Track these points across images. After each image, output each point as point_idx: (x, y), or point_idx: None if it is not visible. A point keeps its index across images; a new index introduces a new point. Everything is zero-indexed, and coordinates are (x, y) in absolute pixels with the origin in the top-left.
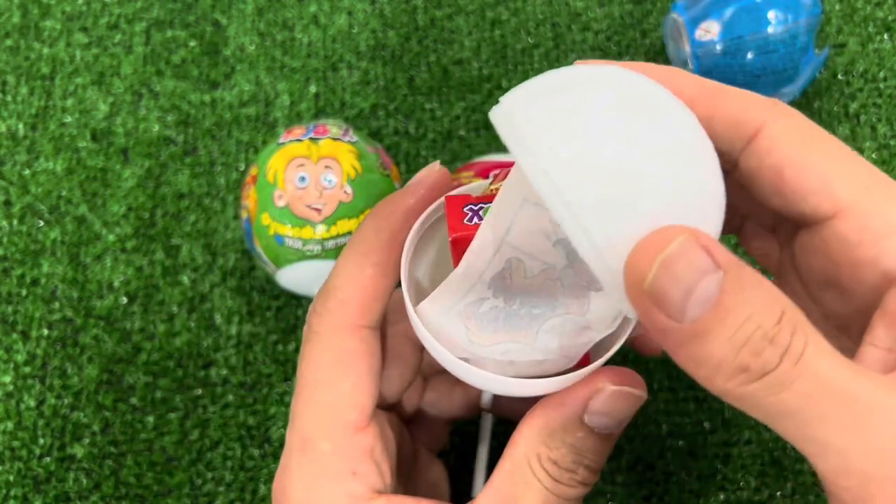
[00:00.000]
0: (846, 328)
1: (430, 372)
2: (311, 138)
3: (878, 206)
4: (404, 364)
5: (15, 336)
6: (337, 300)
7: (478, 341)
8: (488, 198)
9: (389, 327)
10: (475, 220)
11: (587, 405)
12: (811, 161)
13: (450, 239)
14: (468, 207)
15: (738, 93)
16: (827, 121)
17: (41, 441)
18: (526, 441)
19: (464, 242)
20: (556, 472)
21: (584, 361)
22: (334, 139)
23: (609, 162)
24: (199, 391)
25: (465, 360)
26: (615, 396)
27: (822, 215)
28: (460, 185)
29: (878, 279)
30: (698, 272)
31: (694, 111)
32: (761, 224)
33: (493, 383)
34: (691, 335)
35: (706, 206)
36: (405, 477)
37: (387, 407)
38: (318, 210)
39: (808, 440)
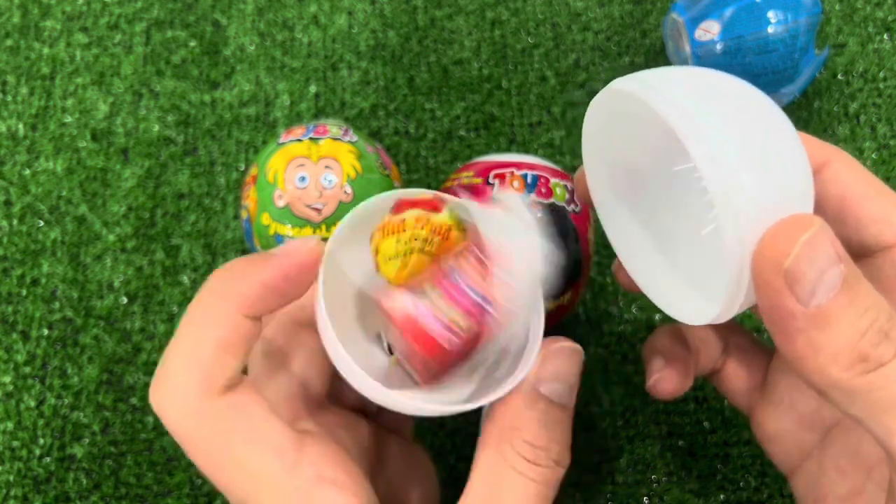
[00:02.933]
0: None
1: None
2: (311, 138)
3: None
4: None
5: (15, 336)
6: (174, 386)
7: (429, 391)
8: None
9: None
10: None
11: (538, 374)
12: (872, 195)
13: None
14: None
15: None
16: (827, 121)
17: (41, 441)
18: (496, 430)
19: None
20: (532, 452)
21: None
22: (334, 139)
23: (757, 149)
24: None
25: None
26: (561, 355)
27: (882, 243)
28: (460, 184)
29: None
30: (829, 259)
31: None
32: None
33: (451, 409)
34: (815, 320)
35: (809, 202)
36: (373, 470)
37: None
38: (317, 210)
39: None
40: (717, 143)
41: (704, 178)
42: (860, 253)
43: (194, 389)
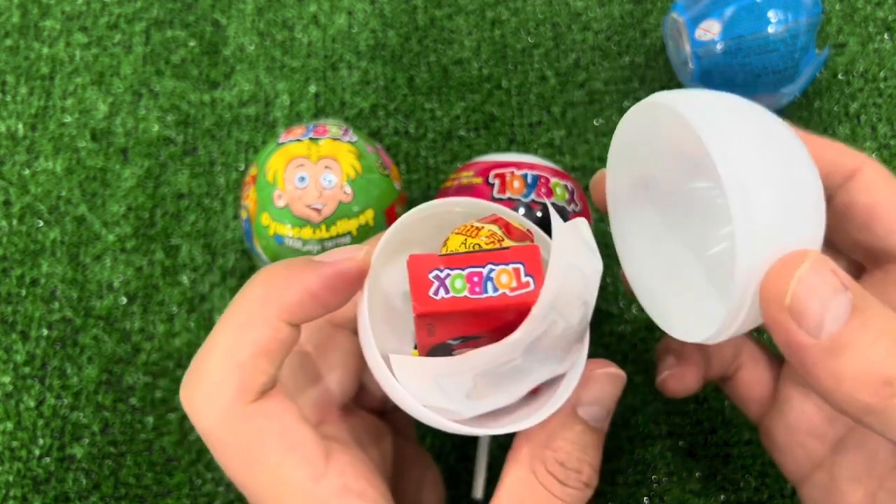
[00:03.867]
0: None
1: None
2: (310, 138)
3: None
4: (346, 370)
5: (15, 336)
6: (211, 385)
7: (476, 398)
8: (458, 260)
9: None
10: (441, 292)
11: (579, 397)
12: None
13: (414, 313)
14: (434, 274)
15: (832, 142)
16: (827, 121)
17: (41, 441)
18: (529, 449)
19: (428, 317)
20: (563, 473)
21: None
22: (334, 139)
23: (780, 179)
24: None
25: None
26: (603, 381)
27: None
28: (460, 184)
29: None
30: (831, 289)
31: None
32: (839, 252)
33: (485, 431)
34: (829, 351)
35: (819, 235)
36: (394, 477)
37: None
38: (317, 210)
39: None
40: (744, 167)
41: (728, 200)
42: (888, 261)
43: (229, 392)
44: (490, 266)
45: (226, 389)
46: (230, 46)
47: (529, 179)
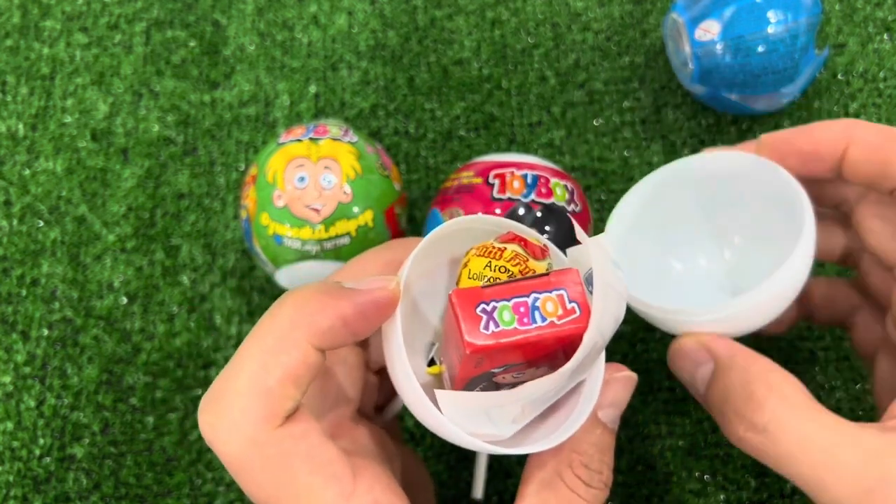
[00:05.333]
0: None
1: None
2: (310, 138)
3: None
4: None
5: (15, 336)
6: (237, 411)
7: (520, 421)
8: (501, 291)
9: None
10: (491, 325)
11: (599, 401)
12: None
13: (466, 351)
14: (481, 308)
15: (808, 128)
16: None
17: (41, 441)
18: (552, 453)
19: (480, 352)
20: (587, 475)
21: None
22: (334, 139)
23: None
24: (199, 391)
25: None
26: (620, 384)
27: None
28: (460, 184)
29: None
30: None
31: (877, 156)
32: (881, 263)
33: (519, 450)
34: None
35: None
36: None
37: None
38: (317, 210)
39: (783, 470)
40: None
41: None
42: None
43: (255, 418)
44: (534, 295)
45: (252, 416)
46: (230, 46)
47: (529, 179)
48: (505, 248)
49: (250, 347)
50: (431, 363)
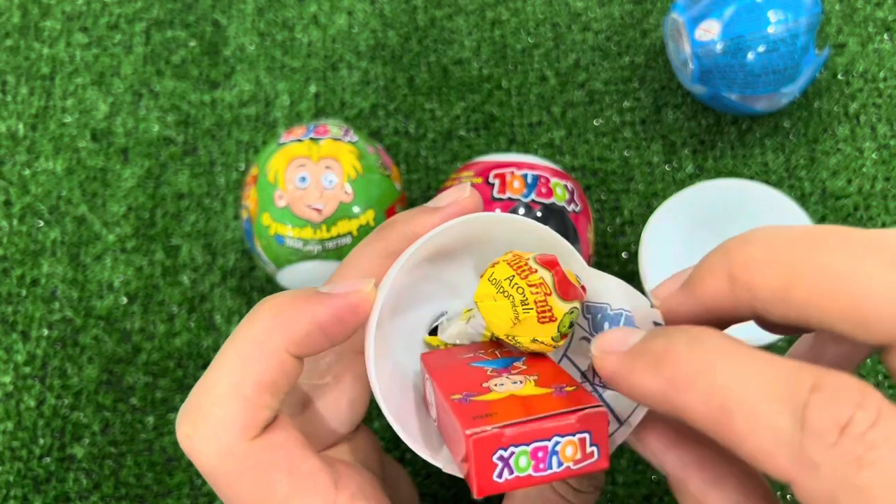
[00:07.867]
0: None
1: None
2: (311, 138)
3: None
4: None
5: (15, 336)
6: (215, 420)
7: None
8: (524, 435)
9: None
10: (505, 473)
11: None
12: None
13: (476, 495)
14: (498, 455)
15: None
16: (827, 121)
17: (41, 441)
18: None
19: (490, 494)
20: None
21: None
22: (335, 139)
23: None
24: None
25: None
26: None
27: None
28: (460, 183)
29: None
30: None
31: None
32: None
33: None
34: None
35: None
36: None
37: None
38: (318, 210)
39: None
40: None
41: None
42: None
43: (233, 429)
44: (556, 438)
45: (229, 426)
46: (230, 46)
47: (529, 179)
48: (536, 271)
49: (226, 356)
50: (434, 331)
